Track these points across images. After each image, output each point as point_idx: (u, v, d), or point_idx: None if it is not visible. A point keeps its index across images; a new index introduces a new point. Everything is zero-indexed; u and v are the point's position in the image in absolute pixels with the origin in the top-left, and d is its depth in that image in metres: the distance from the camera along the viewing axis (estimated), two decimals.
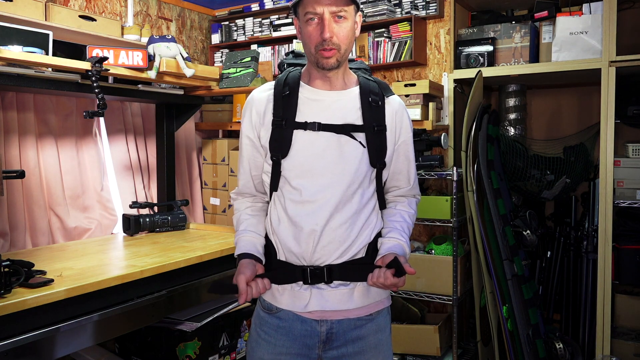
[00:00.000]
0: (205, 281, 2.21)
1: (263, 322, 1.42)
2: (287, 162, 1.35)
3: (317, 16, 1.27)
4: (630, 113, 2.74)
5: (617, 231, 2.67)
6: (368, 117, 1.36)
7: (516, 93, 3.14)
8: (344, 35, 1.29)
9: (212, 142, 3.46)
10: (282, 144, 1.34)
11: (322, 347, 1.38)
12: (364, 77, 1.43)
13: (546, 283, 3.10)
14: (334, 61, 1.30)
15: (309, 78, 1.39)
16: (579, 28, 2.65)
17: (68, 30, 2.40)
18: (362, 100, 1.37)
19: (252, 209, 1.46)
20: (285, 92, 1.37)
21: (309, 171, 1.33)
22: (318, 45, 1.28)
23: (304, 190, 1.33)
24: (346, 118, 1.35)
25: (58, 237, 2.64)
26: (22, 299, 1.54)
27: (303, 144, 1.34)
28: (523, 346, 2.58)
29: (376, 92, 1.39)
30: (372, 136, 1.36)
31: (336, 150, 1.34)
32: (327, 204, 1.32)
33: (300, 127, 1.34)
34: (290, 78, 1.39)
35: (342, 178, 1.33)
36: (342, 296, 1.35)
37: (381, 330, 1.42)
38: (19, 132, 2.49)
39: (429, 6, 3.11)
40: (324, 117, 1.34)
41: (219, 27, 3.78)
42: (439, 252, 2.86)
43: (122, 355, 2.48)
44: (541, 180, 2.86)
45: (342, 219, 1.33)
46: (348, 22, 1.30)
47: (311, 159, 1.33)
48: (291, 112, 1.35)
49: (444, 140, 2.76)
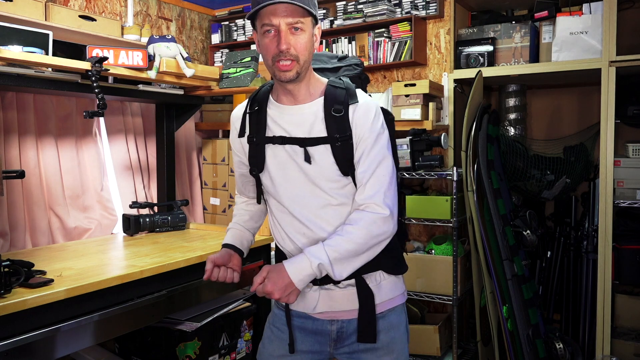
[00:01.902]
0: (205, 281, 2.20)
1: (277, 319, 1.48)
2: (264, 176, 1.42)
3: (274, 28, 1.27)
4: (630, 113, 2.74)
5: (617, 231, 2.67)
6: (331, 128, 1.33)
7: (516, 93, 3.14)
8: (302, 46, 1.29)
9: (212, 142, 3.46)
10: (258, 159, 1.41)
11: (334, 345, 1.42)
12: (331, 84, 1.38)
13: (546, 283, 3.10)
14: (292, 74, 1.29)
15: (277, 93, 1.41)
16: (579, 28, 2.65)
17: (68, 30, 2.40)
18: (325, 111, 1.34)
19: (247, 203, 1.62)
20: (253, 109, 1.41)
21: (281, 184, 1.39)
22: (275, 56, 1.28)
23: (283, 202, 1.40)
24: (311, 131, 1.35)
25: (58, 237, 2.64)
26: (22, 299, 1.54)
27: (274, 158, 1.39)
28: (523, 346, 2.58)
29: (340, 100, 1.35)
30: (337, 146, 1.33)
31: (300, 163, 1.36)
32: (308, 212, 1.37)
33: (269, 142, 1.38)
34: (261, 94, 1.43)
35: (313, 188, 1.36)
36: (351, 296, 1.37)
37: (394, 328, 1.41)
38: (19, 132, 2.48)
39: (429, 6, 3.11)
40: (290, 130, 1.36)
41: (219, 27, 3.78)
42: (439, 252, 2.86)
43: (122, 355, 2.48)
44: (541, 180, 2.86)
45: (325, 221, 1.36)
46: (305, 34, 1.29)
47: (280, 171, 1.39)
48: (261, 128, 1.39)
49: (444, 140, 2.76)
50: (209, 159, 3.47)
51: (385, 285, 1.40)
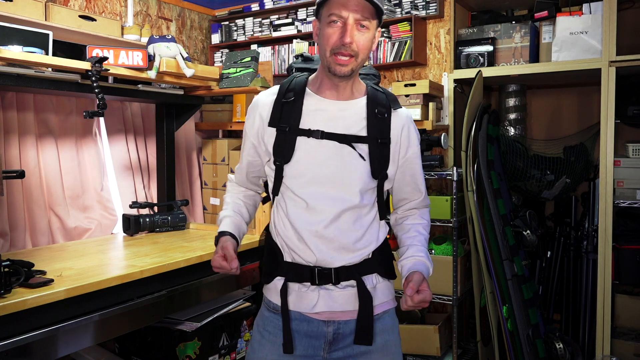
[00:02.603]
0: (205, 281, 2.21)
1: (268, 322, 1.41)
2: (289, 169, 1.35)
3: (341, 20, 1.26)
4: (630, 113, 2.74)
5: (617, 231, 2.67)
6: (372, 129, 1.35)
7: (516, 93, 3.14)
8: (364, 44, 1.28)
9: (212, 142, 3.46)
10: (285, 149, 1.34)
11: (328, 349, 1.37)
12: (372, 87, 1.41)
13: (546, 283, 3.10)
14: (348, 70, 1.29)
15: (318, 85, 1.38)
16: (579, 28, 2.65)
17: (68, 30, 2.40)
18: (368, 111, 1.36)
19: (244, 194, 1.58)
20: (289, 98, 1.36)
21: (311, 179, 1.34)
22: (335, 48, 1.27)
23: (306, 199, 1.34)
24: (350, 129, 1.35)
25: (58, 237, 2.64)
26: (22, 299, 1.54)
27: (306, 151, 1.34)
28: (523, 346, 2.58)
29: (383, 103, 1.38)
30: (375, 148, 1.35)
31: (338, 160, 1.34)
32: (330, 213, 1.33)
33: (303, 134, 1.34)
34: (296, 84, 1.38)
35: (344, 188, 1.34)
36: (350, 297, 1.35)
37: (388, 331, 1.41)
38: (19, 132, 2.48)
39: (429, 6, 3.11)
40: (328, 126, 1.34)
41: (219, 27, 3.78)
42: (439, 252, 2.86)
43: (122, 355, 2.48)
44: (541, 180, 2.86)
45: (344, 226, 1.34)
46: (369, 33, 1.29)
47: (313, 167, 1.34)
48: (295, 118, 1.34)
49: (444, 140, 2.76)
50: (209, 159, 3.47)
51: (380, 288, 1.39)
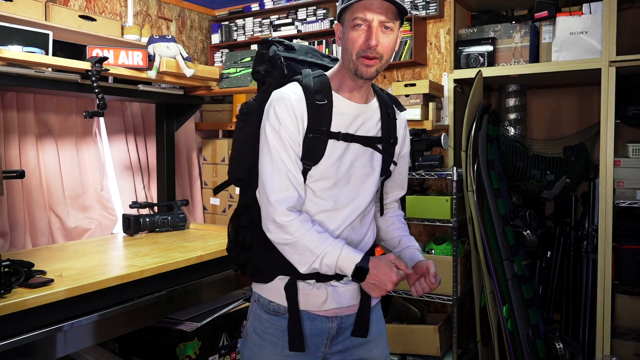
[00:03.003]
0: (205, 281, 2.21)
1: (268, 324, 1.40)
2: (316, 171, 1.33)
3: (366, 23, 1.26)
4: (630, 113, 2.74)
5: (617, 231, 2.67)
6: (386, 130, 1.40)
7: (516, 93, 3.14)
8: (388, 46, 1.29)
9: (212, 142, 3.46)
10: (316, 152, 1.33)
11: (329, 343, 1.41)
12: (378, 88, 1.45)
13: (546, 283, 3.10)
14: (373, 71, 1.30)
15: (339, 86, 1.37)
16: (579, 28, 2.65)
17: (68, 30, 2.40)
18: (382, 112, 1.41)
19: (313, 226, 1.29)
20: (321, 101, 1.33)
21: (337, 182, 1.35)
22: (361, 52, 1.27)
23: (331, 200, 1.35)
24: (369, 131, 1.38)
25: (58, 237, 2.64)
26: (22, 299, 1.54)
27: (334, 154, 1.34)
28: (523, 346, 2.58)
29: (390, 105, 1.44)
30: (387, 148, 1.41)
31: (363, 162, 1.38)
32: (351, 214, 1.37)
33: (333, 137, 1.34)
34: (322, 85, 1.35)
35: (367, 190, 1.39)
36: (353, 292, 1.39)
37: (380, 320, 1.50)
38: (19, 132, 2.49)
39: (429, 6, 3.11)
40: (352, 128, 1.36)
41: (219, 27, 3.78)
42: (439, 252, 2.86)
43: (122, 355, 2.48)
44: (541, 180, 2.86)
45: (355, 224, 1.39)
46: (393, 35, 1.29)
47: (340, 169, 1.35)
48: (327, 121, 1.34)
49: (444, 140, 2.76)
50: (209, 159, 3.47)
51: None
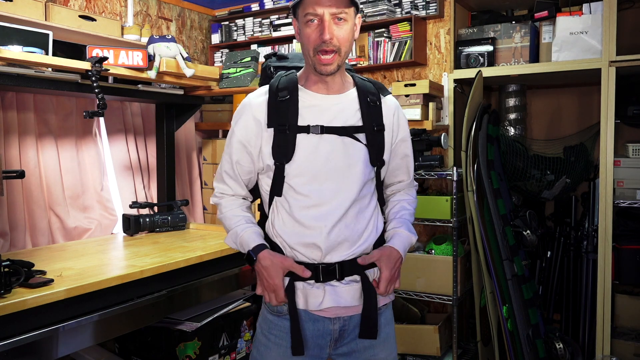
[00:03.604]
0: (205, 281, 2.21)
1: (272, 325, 1.40)
2: (292, 167, 1.34)
3: (317, 17, 1.26)
4: (630, 113, 2.74)
5: (617, 231, 2.67)
6: (367, 118, 1.37)
7: (516, 93, 3.14)
8: (344, 37, 1.28)
9: (212, 142, 3.46)
10: (286, 148, 1.33)
11: (334, 345, 1.39)
12: (359, 77, 1.44)
13: (546, 283, 3.10)
14: (333, 67, 1.30)
15: (306, 81, 1.38)
16: (579, 28, 2.65)
17: (68, 30, 2.40)
18: (361, 101, 1.38)
19: (242, 207, 1.46)
20: (284, 97, 1.34)
21: (316, 176, 1.33)
22: (317, 47, 1.27)
23: (313, 196, 1.33)
24: (347, 120, 1.35)
25: (58, 237, 2.64)
26: (22, 299, 1.54)
27: (307, 148, 1.33)
28: (523, 346, 2.58)
29: (373, 92, 1.40)
30: (372, 136, 1.37)
31: (342, 153, 1.34)
32: (338, 207, 1.33)
33: (303, 131, 1.33)
34: (288, 82, 1.37)
35: (351, 181, 1.35)
36: (355, 292, 1.36)
37: (388, 324, 1.45)
38: (19, 132, 2.48)
39: (429, 6, 3.11)
40: (325, 120, 1.34)
41: (219, 27, 3.78)
42: (439, 252, 2.86)
43: (122, 355, 2.48)
44: (541, 180, 2.86)
45: (349, 220, 1.35)
46: (348, 24, 1.29)
47: (317, 163, 1.33)
48: (293, 116, 1.33)
49: (444, 140, 2.76)
50: (209, 159, 3.47)
51: None
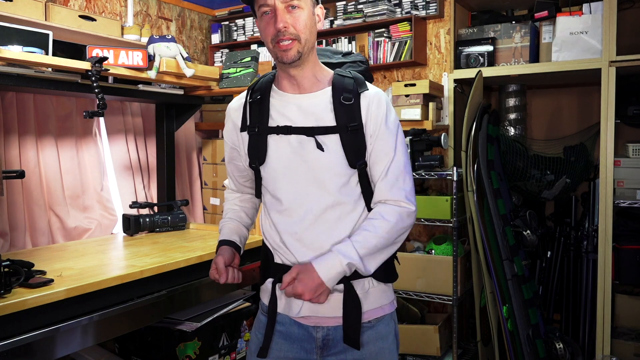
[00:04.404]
0: (205, 281, 2.21)
1: (262, 325, 1.41)
2: (264, 169, 1.35)
3: (270, 8, 1.25)
4: (630, 113, 2.74)
5: (617, 231, 2.67)
6: (341, 117, 1.29)
7: (516, 93, 3.14)
8: (301, 24, 1.25)
9: (212, 142, 3.46)
10: (259, 150, 1.33)
11: (320, 353, 1.36)
12: (338, 74, 1.35)
13: (546, 283, 3.10)
14: (294, 53, 1.25)
15: (279, 81, 1.37)
16: (579, 28, 2.65)
17: (68, 30, 2.40)
18: (334, 99, 1.30)
19: (240, 199, 1.54)
20: (256, 98, 1.35)
21: (285, 178, 1.32)
22: (274, 38, 1.25)
23: (283, 200, 1.32)
24: (319, 120, 1.30)
25: (58, 237, 2.64)
26: (22, 299, 1.54)
27: (276, 150, 1.32)
28: (523, 346, 2.58)
29: (350, 89, 1.32)
30: (347, 136, 1.29)
31: (306, 155, 1.30)
32: (308, 213, 1.30)
33: (273, 132, 1.32)
34: (262, 83, 1.38)
35: (324, 185, 1.29)
36: (336, 302, 1.31)
37: (382, 339, 1.36)
38: (19, 132, 2.48)
39: (429, 6, 3.11)
40: (297, 121, 1.31)
41: (219, 27, 3.78)
42: (439, 252, 2.86)
43: (122, 355, 2.47)
44: (541, 180, 2.86)
45: (325, 226, 1.30)
46: (304, 12, 1.26)
47: (284, 164, 1.31)
48: (264, 117, 1.33)
49: (444, 140, 2.76)
50: (209, 159, 3.47)
51: (374, 292, 1.34)
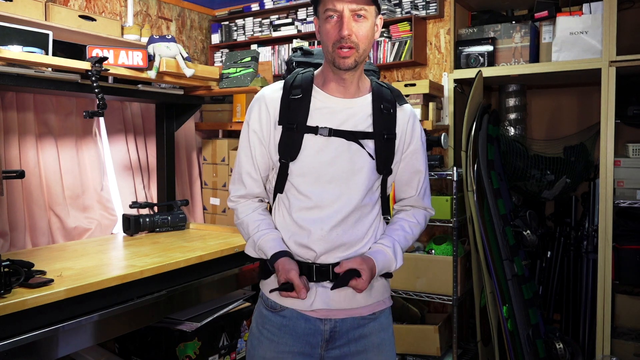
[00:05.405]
0: (205, 281, 2.21)
1: (266, 320, 1.41)
2: (295, 166, 1.34)
3: (337, 14, 1.26)
4: (630, 113, 2.74)
5: (617, 231, 2.67)
6: (378, 125, 1.36)
7: (516, 93, 3.14)
8: (363, 34, 1.28)
9: (212, 142, 3.46)
10: (292, 147, 1.33)
11: (325, 346, 1.38)
12: (377, 82, 1.42)
13: (546, 283, 3.10)
14: (351, 61, 1.28)
15: (324, 81, 1.37)
16: (579, 28, 2.65)
17: (68, 30, 2.40)
18: (374, 107, 1.37)
19: (259, 211, 1.43)
20: (297, 95, 1.35)
21: (319, 177, 1.33)
22: (336, 43, 1.27)
23: (314, 197, 1.33)
24: (357, 125, 1.35)
25: (58, 237, 2.64)
26: (22, 299, 1.54)
27: (313, 149, 1.33)
28: (523, 346, 2.58)
29: (388, 99, 1.39)
30: (381, 144, 1.36)
31: (347, 158, 1.34)
32: (338, 212, 1.33)
33: (311, 132, 1.33)
34: (303, 80, 1.37)
35: (355, 187, 1.34)
36: (347, 295, 1.35)
37: (384, 330, 1.43)
38: (19, 132, 2.48)
39: (429, 6, 3.11)
40: (335, 123, 1.34)
41: (219, 27, 3.78)
42: (439, 252, 2.86)
43: (122, 355, 2.48)
44: (541, 180, 2.86)
45: (348, 225, 1.35)
46: (368, 22, 1.28)
47: (321, 164, 1.33)
48: (303, 115, 1.34)
49: (444, 140, 2.76)
50: (209, 159, 3.47)
51: (378, 286, 1.41)
